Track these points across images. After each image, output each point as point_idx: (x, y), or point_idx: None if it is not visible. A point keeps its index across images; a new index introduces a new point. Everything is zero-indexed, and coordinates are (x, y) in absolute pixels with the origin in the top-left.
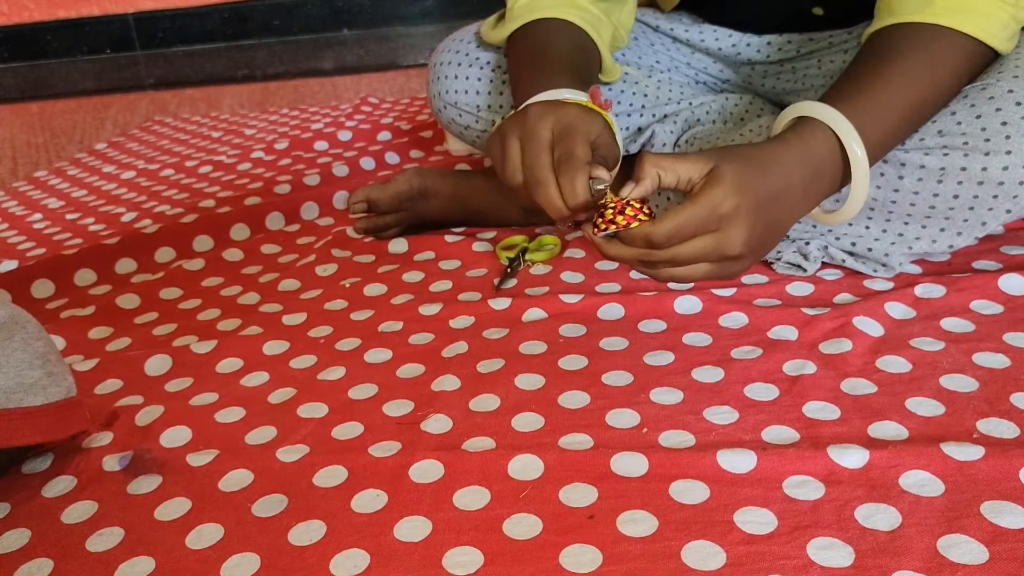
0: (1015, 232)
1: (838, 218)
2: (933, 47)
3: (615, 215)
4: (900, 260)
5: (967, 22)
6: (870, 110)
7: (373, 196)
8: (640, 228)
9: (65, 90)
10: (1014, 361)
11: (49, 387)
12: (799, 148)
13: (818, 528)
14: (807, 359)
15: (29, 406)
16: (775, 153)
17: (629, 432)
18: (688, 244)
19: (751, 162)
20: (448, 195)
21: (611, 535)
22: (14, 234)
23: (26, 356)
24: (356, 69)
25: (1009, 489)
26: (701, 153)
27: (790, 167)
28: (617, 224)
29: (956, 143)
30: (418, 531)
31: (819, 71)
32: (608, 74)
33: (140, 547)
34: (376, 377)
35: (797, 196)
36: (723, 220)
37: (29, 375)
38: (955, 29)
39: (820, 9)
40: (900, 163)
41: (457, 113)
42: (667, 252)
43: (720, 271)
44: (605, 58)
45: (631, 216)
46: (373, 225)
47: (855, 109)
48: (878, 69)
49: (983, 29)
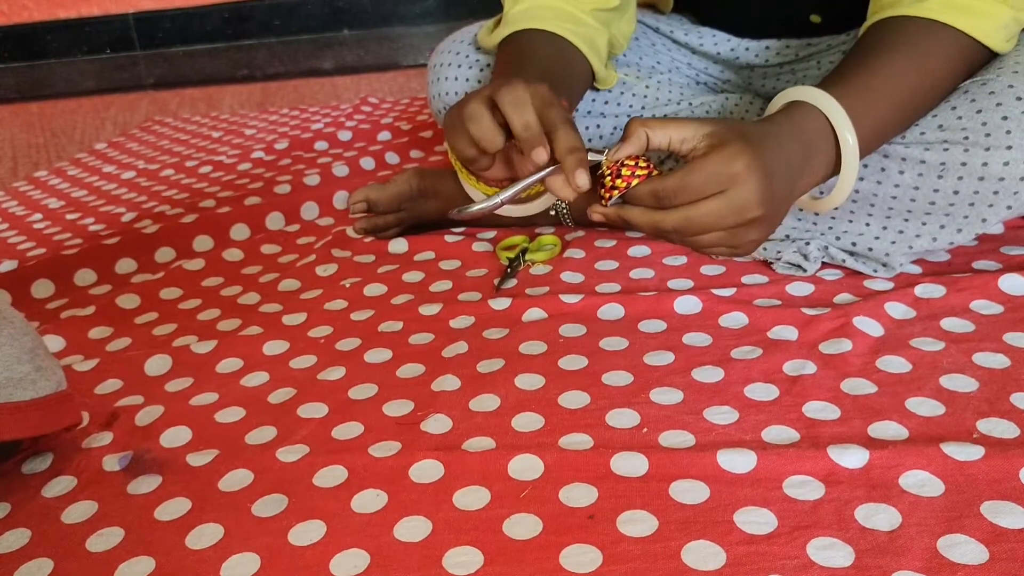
0: (1015, 232)
1: (827, 204)
2: (924, 40)
3: (613, 179)
4: (901, 260)
5: (960, 19)
6: (861, 96)
7: (372, 196)
8: (646, 183)
9: (65, 90)
10: (1014, 361)
11: (38, 381)
12: (788, 125)
13: (818, 528)
14: (807, 359)
15: (18, 401)
16: (766, 127)
17: (629, 432)
18: (700, 205)
19: (747, 130)
20: (448, 195)
21: (611, 535)
22: (14, 234)
23: (13, 351)
24: (356, 69)
25: (1009, 489)
26: (693, 118)
27: (782, 141)
28: (618, 188)
29: (956, 138)
30: (418, 531)
31: (818, 72)
32: (603, 83)
33: (140, 547)
34: (376, 377)
35: (795, 169)
36: (735, 178)
37: (17, 370)
38: (949, 25)
39: (818, 17)
40: (900, 158)
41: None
42: (679, 214)
43: (733, 239)
44: (598, 70)
45: (628, 175)
46: (373, 225)
47: (844, 95)
48: (868, 60)
49: (976, 27)
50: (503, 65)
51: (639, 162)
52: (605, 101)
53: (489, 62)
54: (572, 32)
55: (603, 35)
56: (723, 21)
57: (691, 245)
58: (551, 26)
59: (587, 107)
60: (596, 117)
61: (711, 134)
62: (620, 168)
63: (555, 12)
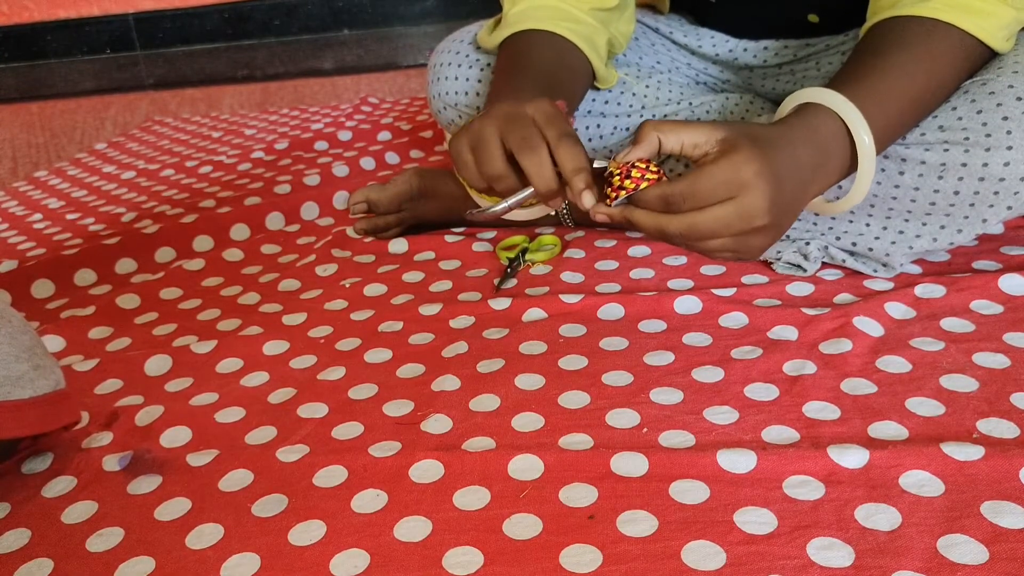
0: (1015, 232)
1: (843, 206)
2: (930, 40)
3: (622, 180)
4: (901, 260)
5: (964, 18)
6: (872, 97)
7: (373, 197)
8: (655, 187)
9: (65, 90)
10: (1014, 361)
11: (37, 380)
12: (803, 128)
13: (818, 528)
14: (807, 359)
15: (17, 399)
16: (780, 130)
17: (629, 432)
18: (707, 212)
19: (760, 135)
20: (448, 195)
21: (611, 535)
22: (14, 234)
23: (12, 350)
24: (356, 69)
25: (1009, 489)
26: (706, 122)
27: (796, 145)
28: (626, 188)
29: (957, 138)
30: (418, 531)
31: (818, 72)
32: (603, 82)
33: (140, 547)
34: (376, 377)
35: (807, 174)
36: (744, 186)
37: (16, 368)
38: (952, 24)
39: (815, 17)
40: (901, 158)
41: (457, 114)
42: (684, 219)
43: (738, 245)
44: (598, 68)
45: (638, 178)
46: (373, 226)
47: (857, 96)
48: (876, 60)
49: (980, 27)
50: (503, 72)
51: (649, 166)
52: (605, 101)
53: (489, 62)
54: (571, 31)
55: (603, 34)
56: (720, 22)
57: (696, 250)
58: (550, 26)
59: (587, 107)
60: (596, 117)
61: (723, 140)
62: (630, 169)
63: (554, 11)
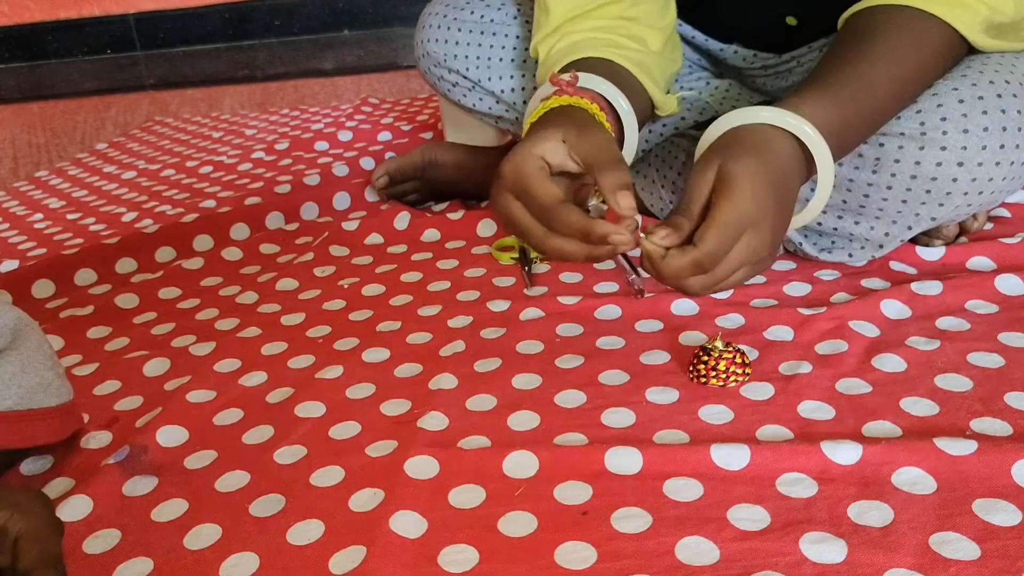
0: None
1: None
2: (914, 28)
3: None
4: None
5: (943, 9)
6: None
7: (391, 168)
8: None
9: (66, 90)
10: (1008, 361)
11: (60, 388)
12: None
13: (811, 525)
14: (803, 359)
15: (47, 407)
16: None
17: (624, 431)
18: (729, 259)
19: (749, 148)
20: (453, 165)
21: (605, 532)
22: (15, 234)
23: (41, 357)
24: (356, 69)
25: (1001, 487)
26: (700, 160)
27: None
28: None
29: (893, 131)
30: (414, 528)
31: (802, 70)
32: (663, 108)
33: (138, 548)
34: (374, 376)
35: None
36: (752, 224)
37: (46, 376)
38: (929, 13)
39: (794, 19)
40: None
41: (443, 73)
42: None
43: (755, 271)
44: (653, 94)
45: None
46: (394, 192)
47: (840, 83)
48: (862, 46)
49: (958, 18)
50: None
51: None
52: None
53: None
54: (623, 57)
55: (654, 59)
56: (701, 23)
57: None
58: (602, 52)
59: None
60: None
61: (720, 177)
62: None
63: (602, 42)
